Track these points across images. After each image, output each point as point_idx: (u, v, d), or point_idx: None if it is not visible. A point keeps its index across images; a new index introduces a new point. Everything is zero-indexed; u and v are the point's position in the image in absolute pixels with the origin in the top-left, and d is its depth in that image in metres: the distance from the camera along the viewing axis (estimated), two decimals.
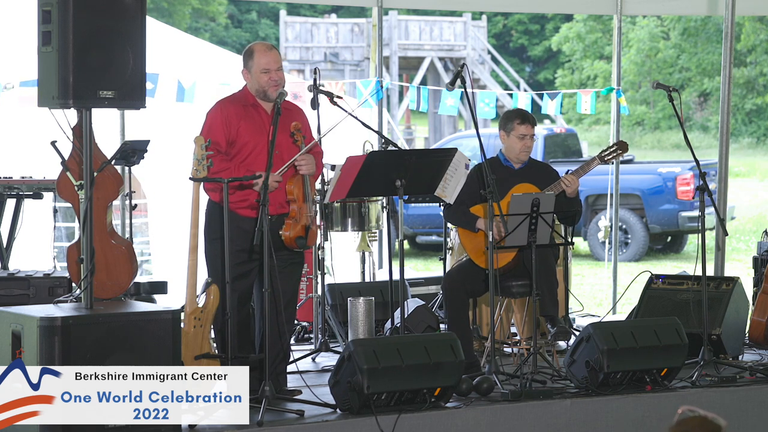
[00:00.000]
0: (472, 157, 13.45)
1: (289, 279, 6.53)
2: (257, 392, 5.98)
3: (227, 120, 6.44)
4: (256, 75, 6.45)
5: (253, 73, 6.47)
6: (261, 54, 6.46)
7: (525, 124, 7.35)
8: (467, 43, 32.47)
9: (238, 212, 6.40)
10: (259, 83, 6.45)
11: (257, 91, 6.48)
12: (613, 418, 6.53)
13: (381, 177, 6.34)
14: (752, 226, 19.83)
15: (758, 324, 8.13)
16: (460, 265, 7.47)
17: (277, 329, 6.37)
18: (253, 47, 6.56)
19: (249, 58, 6.49)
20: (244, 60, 6.54)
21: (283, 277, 6.33)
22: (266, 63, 6.43)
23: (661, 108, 33.68)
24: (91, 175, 5.97)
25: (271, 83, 6.42)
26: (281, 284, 6.25)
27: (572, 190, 7.22)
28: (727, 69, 8.98)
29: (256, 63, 6.45)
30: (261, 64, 6.44)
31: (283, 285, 6.29)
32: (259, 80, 6.44)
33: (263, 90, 6.45)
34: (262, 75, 6.43)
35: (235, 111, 6.47)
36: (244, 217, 6.41)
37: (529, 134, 7.37)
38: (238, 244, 6.32)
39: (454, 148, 6.69)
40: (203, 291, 6.61)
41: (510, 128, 7.37)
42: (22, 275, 7.72)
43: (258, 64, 6.44)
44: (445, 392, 6.25)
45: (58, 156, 6.55)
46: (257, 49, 6.52)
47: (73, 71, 5.73)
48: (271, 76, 6.43)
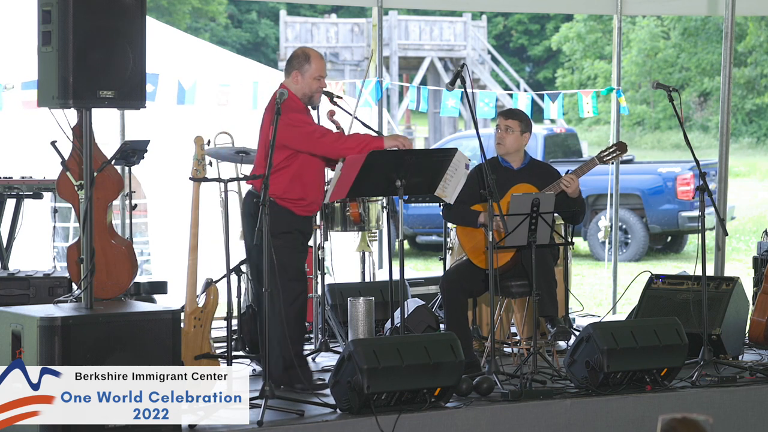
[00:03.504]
0: (471, 157, 13.45)
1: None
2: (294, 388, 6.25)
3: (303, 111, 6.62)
4: (309, 80, 6.62)
5: (306, 77, 6.62)
6: (317, 60, 6.65)
7: (501, 116, 7.40)
8: (467, 43, 32.47)
9: (294, 210, 6.54)
10: (310, 88, 6.63)
11: (304, 95, 6.64)
12: (613, 418, 6.53)
13: (381, 177, 6.34)
14: (752, 226, 19.84)
15: (758, 324, 8.13)
16: (458, 265, 7.47)
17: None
18: (309, 52, 6.70)
19: (305, 62, 6.63)
20: (297, 63, 6.65)
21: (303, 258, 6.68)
22: (320, 70, 6.64)
23: (662, 108, 33.68)
24: (91, 175, 5.97)
25: (319, 90, 6.66)
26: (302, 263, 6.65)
27: (572, 189, 7.22)
28: (727, 69, 8.99)
29: (313, 68, 6.62)
30: (316, 70, 6.63)
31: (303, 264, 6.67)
32: (311, 85, 6.62)
33: (310, 95, 6.64)
34: (314, 81, 6.63)
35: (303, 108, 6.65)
36: (299, 216, 6.60)
37: (503, 126, 7.37)
38: (299, 238, 6.60)
39: (454, 148, 6.69)
40: (203, 291, 6.62)
41: (496, 122, 7.46)
42: (22, 275, 7.72)
43: (314, 69, 6.63)
44: (445, 392, 6.25)
45: (58, 156, 6.55)
46: (313, 55, 6.68)
47: (73, 71, 5.73)
48: (321, 83, 6.66)
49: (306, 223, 6.75)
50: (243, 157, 7.44)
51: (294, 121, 6.49)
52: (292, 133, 6.47)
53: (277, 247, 6.31)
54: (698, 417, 3.01)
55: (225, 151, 7.44)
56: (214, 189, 7.12)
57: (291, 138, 6.48)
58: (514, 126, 7.35)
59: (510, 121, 7.37)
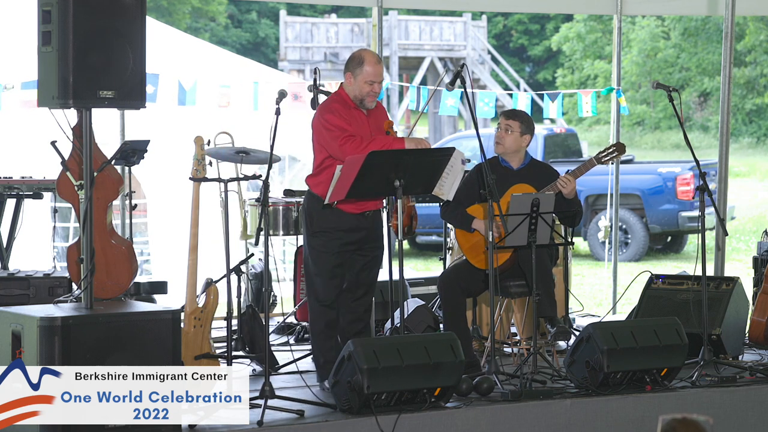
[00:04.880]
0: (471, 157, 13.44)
1: (374, 267, 6.92)
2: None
3: (340, 114, 6.67)
4: (360, 83, 6.68)
5: (357, 80, 6.69)
6: (370, 65, 6.69)
7: (503, 116, 7.40)
8: (467, 43, 32.48)
9: (340, 207, 6.61)
10: (361, 91, 6.69)
11: (355, 96, 6.71)
12: (613, 418, 6.53)
13: (380, 177, 6.35)
14: (752, 226, 19.84)
15: (758, 324, 8.13)
16: (456, 264, 7.47)
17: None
18: (363, 55, 6.74)
19: (358, 65, 6.69)
20: (351, 65, 6.72)
21: (371, 266, 6.84)
22: (373, 75, 6.68)
23: (662, 108, 33.68)
24: (91, 175, 5.96)
25: (372, 94, 6.70)
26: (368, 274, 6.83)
27: (568, 191, 7.20)
28: (727, 69, 8.98)
29: (365, 72, 6.67)
30: (368, 74, 6.68)
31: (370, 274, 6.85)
32: (362, 89, 6.68)
33: (361, 98, 6.70)
34: (365, 85, 6.68)
35: (342, 110, 6.69)
36: (346, 213, 6.67)
37: (503, 125, 7.37)
38: (343, 238, 6.68)
39: (452, 147, 6.69)
40: (203, 291, 6.62)
41: (498, 121, 7.46)
42: (22, 275, 7.72)
43: (366, 73, 6.67)
44: (445, 392, 6.25)
45: (58, 156, 6.55)
46: (368, 59, 6.72)
47: (73, 71, 5.73)
48: (373, 87, 6.69)
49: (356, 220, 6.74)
50: (243, 157, 7.44)
51: (326, 124, 6.62)
52: (324, 136, 6.62)
53: (312, 246, 6.69)
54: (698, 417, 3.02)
55: (225, 151, 7.44)
56: (214, 189, 7.13)
57: (323, 140, 6.64)
58: (514, 126, 7.35)
59: (511, 121, 7.37)
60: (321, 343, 6.78)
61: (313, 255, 6.73)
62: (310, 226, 6.75)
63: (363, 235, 6.77)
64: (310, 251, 6.77)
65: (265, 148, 6.86)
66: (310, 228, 6.75)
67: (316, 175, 6.72)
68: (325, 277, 6.71)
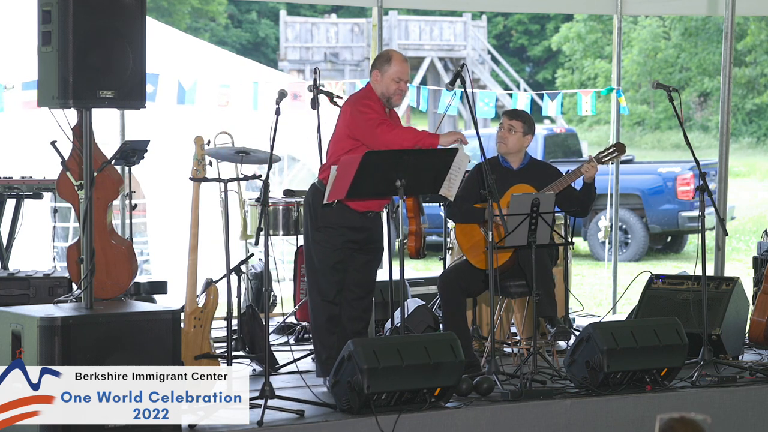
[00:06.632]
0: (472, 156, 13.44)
1: (374, 267, 6.93)
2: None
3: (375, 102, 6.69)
4: (387, 81, 6.71)
5: (384, 78, 6.72)
6: (398, 63, 6.73)
7: (506, 116, 7.41)
8: (467, 43, 32.49)
9: (347, 204, 6.61)
10: (387, 89, 6.72)
11: (382, 94, 6.73)
12: (613, 418, 6.53)
13: (380, 177, 6.34)
14: (752, 226, 19.84)
15: (758, 324, 8.14)
16: (456, 264, 7.47)
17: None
18: (391, 54, 6.80)
19: (386, 63, 6.73)
20: (380, 63, 6.76)
21: (371, 266, 6.85)
22: (400, 73, 6.72)
23: (662, 108, 33.68)
24: (91, 175, 5.96)
25: (399, 92, 6.74)
26: (368, 274, 6.84)
27: (590, 175, 7.25)
28: (727, 69, 8.98)
29: (392, 70, 6.71)
30: (396, 72, 6.71)
31: (370, 274, 6.86)
32: (389, 86, 6.71)
33: (388, 96, 6.73)
34: (392, 83, 6.71)
35: (376, 102, 6.72)
36: (351, 209, 6.66)
37: (506, 125, 7.37)
38: (346, 235, 6.68)
39: (454, 149, 6.69)
40: (203, 291, 6.62)
41: (500, 121, 7.47)
42: (22, 275, 7.72)
43: (393, 71, 6.71)
44: (445, 392, 6.25)
45: (58, 156, 6.55)
46: (395, 57, 6.77)
47: (73, 71, 5.73)
48: (400, 86, 6.73)
49: (360, 219, 6.74)
50: (243, 157, 7.44)
51: (362, 107, 6.63)
52: (358, 120, 6.61)
53: (316, 241, 6.69)
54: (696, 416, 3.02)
55: (225, 151, 7.44)
56: (214, 189, 7.13)
57: (356, 124, 6.62)
58: (517, 127, 7.36)
59: (514, 121, 7.37)
60: (323, 338, 6.78)
61: (316, 249, 6.72)
62: (314, 221, 6.73)
63: (365, 236, 6.77)
64: (313, 246, 6.75)
65: (265, 148, 6.86)
66: (314, 222, 6.73)
67: (329, 167, 6.64)
68: (328, 271, 6.71)
